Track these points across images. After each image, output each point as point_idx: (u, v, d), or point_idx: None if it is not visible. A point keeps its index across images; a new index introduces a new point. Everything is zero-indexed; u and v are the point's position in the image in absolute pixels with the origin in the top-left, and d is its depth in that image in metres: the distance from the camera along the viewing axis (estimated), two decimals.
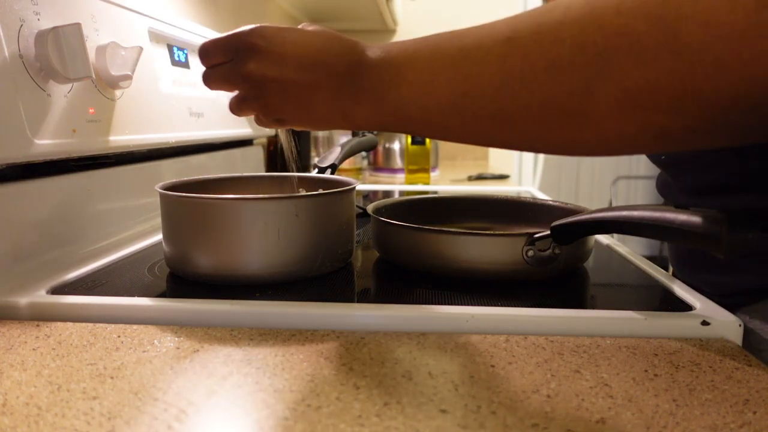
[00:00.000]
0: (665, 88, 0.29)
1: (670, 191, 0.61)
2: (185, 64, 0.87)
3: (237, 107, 0.47)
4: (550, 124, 0.33)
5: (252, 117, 0.49)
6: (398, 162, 1.55)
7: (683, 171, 0.56)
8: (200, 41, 0.93)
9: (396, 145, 1.55)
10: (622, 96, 0.30)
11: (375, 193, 1.21)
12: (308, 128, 0.46)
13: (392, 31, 2.21)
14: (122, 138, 0.65)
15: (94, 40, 0.60)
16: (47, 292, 0.46)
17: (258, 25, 0.43)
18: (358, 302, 0.46)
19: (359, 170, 1.60)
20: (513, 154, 2.37)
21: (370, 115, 0.41)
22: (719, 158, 0.51)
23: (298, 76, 0.41)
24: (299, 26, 0.44)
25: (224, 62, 0.44)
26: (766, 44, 0.26)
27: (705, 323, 0.41)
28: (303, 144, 1.36)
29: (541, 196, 1.07)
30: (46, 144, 0.52)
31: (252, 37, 0.42)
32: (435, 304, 0.44)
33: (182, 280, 0.51)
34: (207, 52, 0.45)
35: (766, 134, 0.30)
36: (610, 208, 0.45)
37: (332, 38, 0.42)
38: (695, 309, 0.43)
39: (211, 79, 0.46)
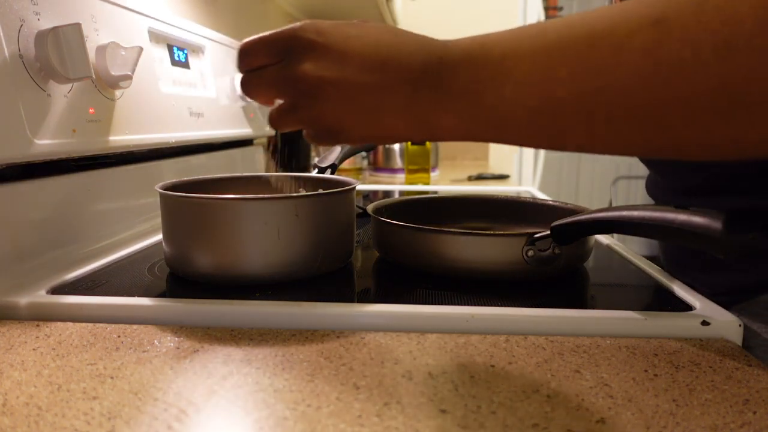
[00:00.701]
0: None
1: (658, 191, 0.61)
2: (185, 64, 0.87)
3: (281, 119, 0.39)
4: (714, 120, 0.28)
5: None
6: (398, 162, 1.55)
7: (671, 171, 0.56)
8: (200, 41, 0.93)
9: (396, 145, 1.55)
10: None
11: (375, 193, 1.21)
12: (371, 141, 0.38)
13: None
14: (122, 138, 0.65)
15: (94, 40, 0.60)
16: (47, 292, 0.46)
17: (311, 20, 0.36)
18: (358, 302, 0.46)
19: (359, 170, 1.60)
20: (513, 154, 2.37)
21: (458, 123, 0.34)
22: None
23: (365, 77, 0.34)
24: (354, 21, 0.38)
25: (270, 64, 0.38)
26: None
27: (705, 323, 0.40)
28: (303, 144, 1.36)
29: (541, 196, 1.07)
30: (46, 144, 0.52)
31: (307, 33, 0.35)
32: (435, 304, 0.44)
33: (182, 280, 0.51)
34: (249, 52, 0.38)
35: None
36: (610, 208, 0.45)
37: (402, 33, 0.36)
38: (695, 309, 0.43)
39: (252, 85, 0.39)
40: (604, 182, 3.35)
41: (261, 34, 0.38)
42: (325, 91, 0.35)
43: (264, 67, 0.38)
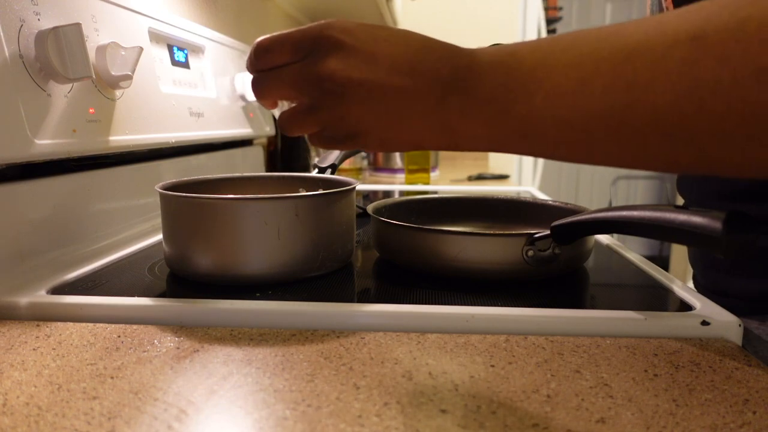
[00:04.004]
0: None
1: (692, 193, 0.59)
2: (185, 64, 0.87)
3: (297, 121, 0.37)
4: (746, 142, 0.27)
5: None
6: (398, 162, 1.55)
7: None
8: (200, 41, 0.93)
9: None
10: None
11: (375, 193, 1.21)
12: (390, 148, 0.37)
13: None
14: (122, 138, 0.65)
15: (94, 40, 0.60)
16: (47, 292, 0.46)
17: (336, 19, 0.35)
18: (358, 302, 0.46)
19: (359, 170, 1.60)
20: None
21: (482, 131, 0.33)
22: None
23: (394, 80, 0.34)
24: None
25: (289, 63, 0.36)
26: None
27: (705, 323, 0.41)
28: (303, 144, 1.36)
29: (541, 196, 1.07)
30: (46, 144, 0.52)
31: (334, 32, 0.34)
32: (435, 304, 0.44)
33: (182, 280, 0.51)
34: (267, 49, 0.36)
35: None
36: (610, 208, 0.45)
37: (430, 39, 0.35)
38: (695, 309, 0.44)
39: (268, 84, 0.37)
40: (604, 182, 3.36)
41: (282, 32, 0.36)
42: (351, 91, 0.34)
43: (280, 66, 0.37)
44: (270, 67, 0.37)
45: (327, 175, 0.73)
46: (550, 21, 2.58)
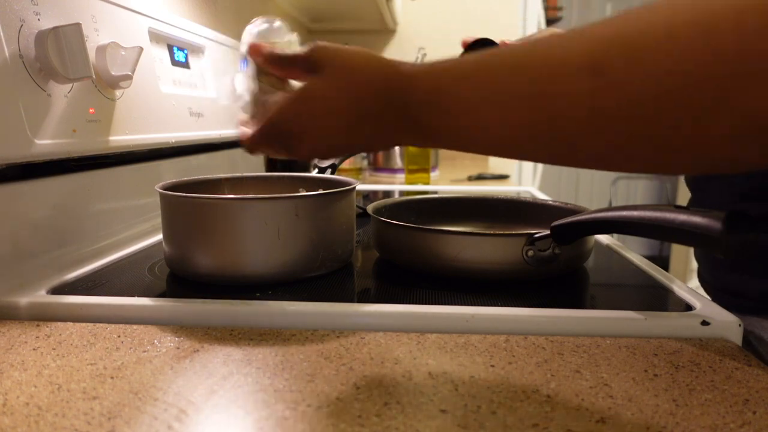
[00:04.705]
0: None
1: (705, 191, 0.59)
2: (185, 64, 0.87)
3: (257, 148, 0.45)
4: (644, 157, 0.30)
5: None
6: (398, 162, 1.55)
7: (725, 175, 0.55)
8: (200, 41, 0.93)
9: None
10: (741, 124, 0.26)
11: (375, 193, 1.21)
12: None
13: (392, 31, 2.21)
14: (122, 138, 0.65)
15: (94, 40, 0.60)
16: (47, 292, 0.46)
17: (281, 103, 0.42)
18: (358, 302, 0.46)
19: (359, 170, 1.60)
20: None
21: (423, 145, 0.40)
22: None
23: (343, 141, 0.41)
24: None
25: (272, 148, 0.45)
26: None
27: (705, 323, 0.41)
28: None
29: (541, 196, 1.07)
30: (46, 144, 0.52)
31: (286, 125, 0.41)
32: (435, 304, 0.44)
33: (182, 280, 0.51)
34: (252, 150, 0.45)
35: None
36: (610, 208, 0.45)
37: (361, 86, 0.39)
38: (695, 309, 0.44)
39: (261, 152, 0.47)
40: (604, 182, 3.36)
41: (256, 131, 0.44)
42: (315, 154, 0.43)
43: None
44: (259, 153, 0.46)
45: (327, 175, 0.73)
46: (550, 21, 2.58)
